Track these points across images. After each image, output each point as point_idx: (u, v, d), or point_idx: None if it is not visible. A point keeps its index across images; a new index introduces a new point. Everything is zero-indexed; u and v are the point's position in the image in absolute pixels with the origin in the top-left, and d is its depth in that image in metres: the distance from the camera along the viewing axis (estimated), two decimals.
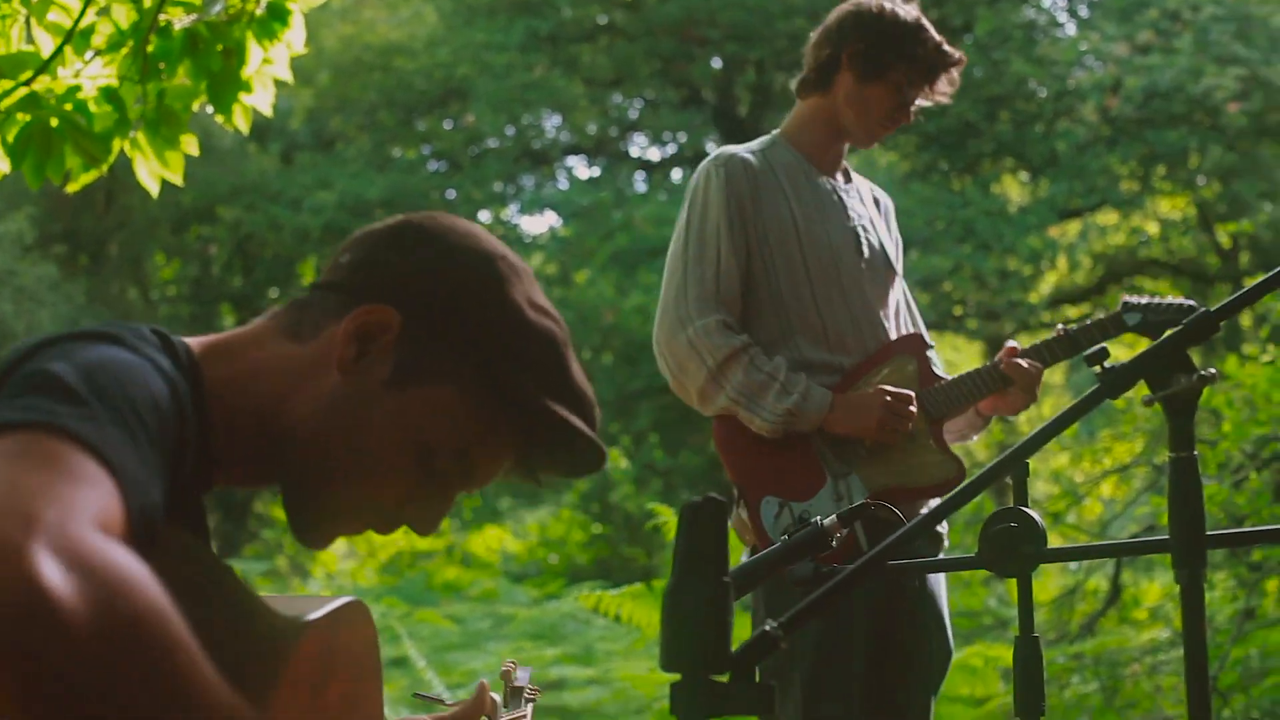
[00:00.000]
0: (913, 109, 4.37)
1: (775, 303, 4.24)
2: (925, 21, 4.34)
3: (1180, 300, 4.35)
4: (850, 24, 4.34)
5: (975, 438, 4.54)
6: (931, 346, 4.41)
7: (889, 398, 4.11)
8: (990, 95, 21.96)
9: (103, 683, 1.44)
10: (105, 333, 1.82)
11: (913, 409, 4.15)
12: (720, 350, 4.11)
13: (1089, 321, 4.32)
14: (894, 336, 4.38)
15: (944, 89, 4.38)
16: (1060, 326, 4.32)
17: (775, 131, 4.53)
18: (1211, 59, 20.15)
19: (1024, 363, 4.24)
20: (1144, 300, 4.30)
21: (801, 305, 4.24)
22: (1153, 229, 24.05)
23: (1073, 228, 23.56)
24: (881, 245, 4.44)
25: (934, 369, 4.36)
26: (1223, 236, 23.56)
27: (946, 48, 4.35)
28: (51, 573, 1.41)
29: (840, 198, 4.41)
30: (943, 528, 4.42)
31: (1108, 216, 23.85)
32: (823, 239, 4.28)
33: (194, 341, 2.02)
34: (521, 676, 3.00)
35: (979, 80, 21.63)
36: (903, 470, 4.20)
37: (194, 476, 1.92)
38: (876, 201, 4.62)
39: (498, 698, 2.65)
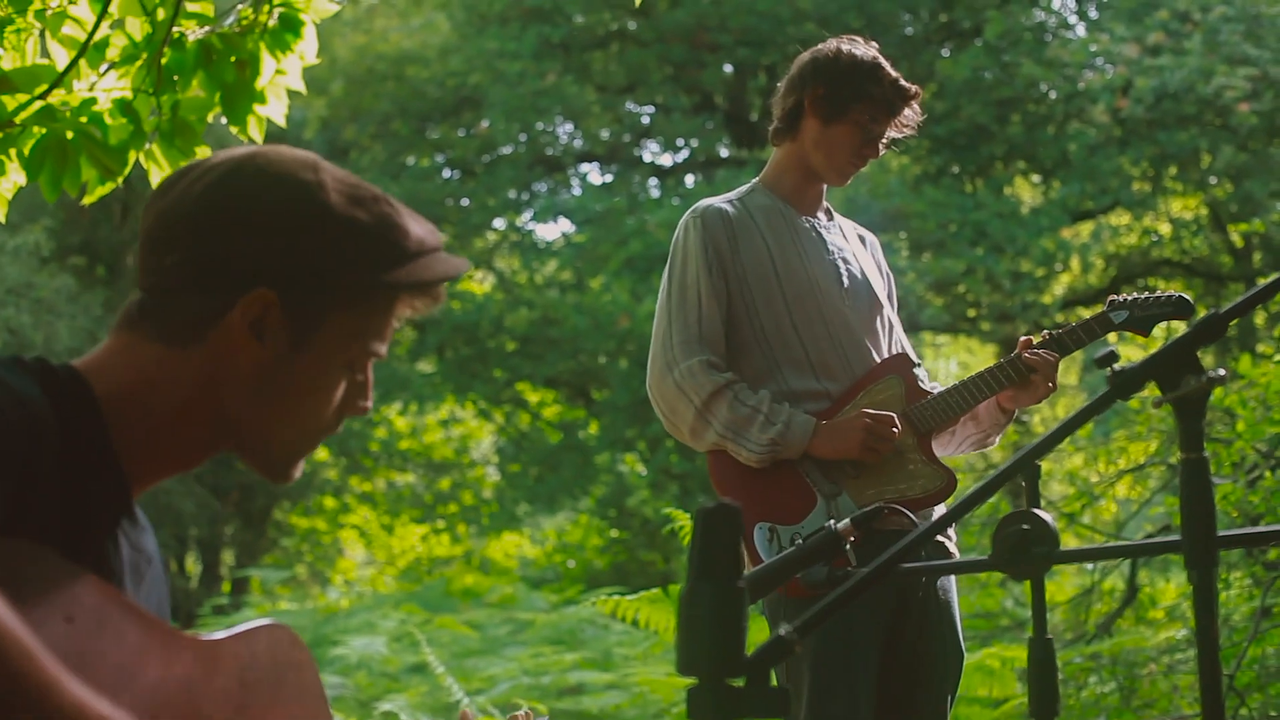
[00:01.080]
0: (881, 143, 4.52)
1: (759, 339, 4.42)
2: (882, 60, 4.51)
3: (1165, 293, 4.44)
4: (809, 70, 4.53)
5: (998, 438, 4.63)
6: (918, 364, 4.55)
7: (869, 420, 4.26)
8: (1001, 98, 21.94)
9: None
10: None
11: (895, 429, 4.29)
12: (705, 389, 4.29)
13: (1075, 323, 4.41)
14: (880, 360, 4.51)
15: (908, 120, 4.53)
16: (1046, 330, 4.43)
17: (755, 180, 4.68)
18: (1222, 59, 20.11)
19: (1043, 353, 4.35)
20: (1129, 297, 4.42)
21: (784, 338, 4.41)
22: (1165, 229, 23.99)
23: (1085, 229, 23.52)
24: (864, 276, 4.59)
25: (921, 385, 4.49)
26: (1235, 236, 23.50)
27: (903, 83, 4.49)
28: None
29: (820, 234, 4.57)
30: (951, 536, 4.50)
31: (1120, 217, 23.82)
32: (800, 273, 4.45)
33: (77, 363, 2.08)
34: None
35: (990, 83, 21.64)
36: (892, 484, 4.34)
37: (101, 490, 2.00)
38: (862, 239, 4.78)
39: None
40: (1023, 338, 4.45)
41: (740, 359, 4.41)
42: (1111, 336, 4.53)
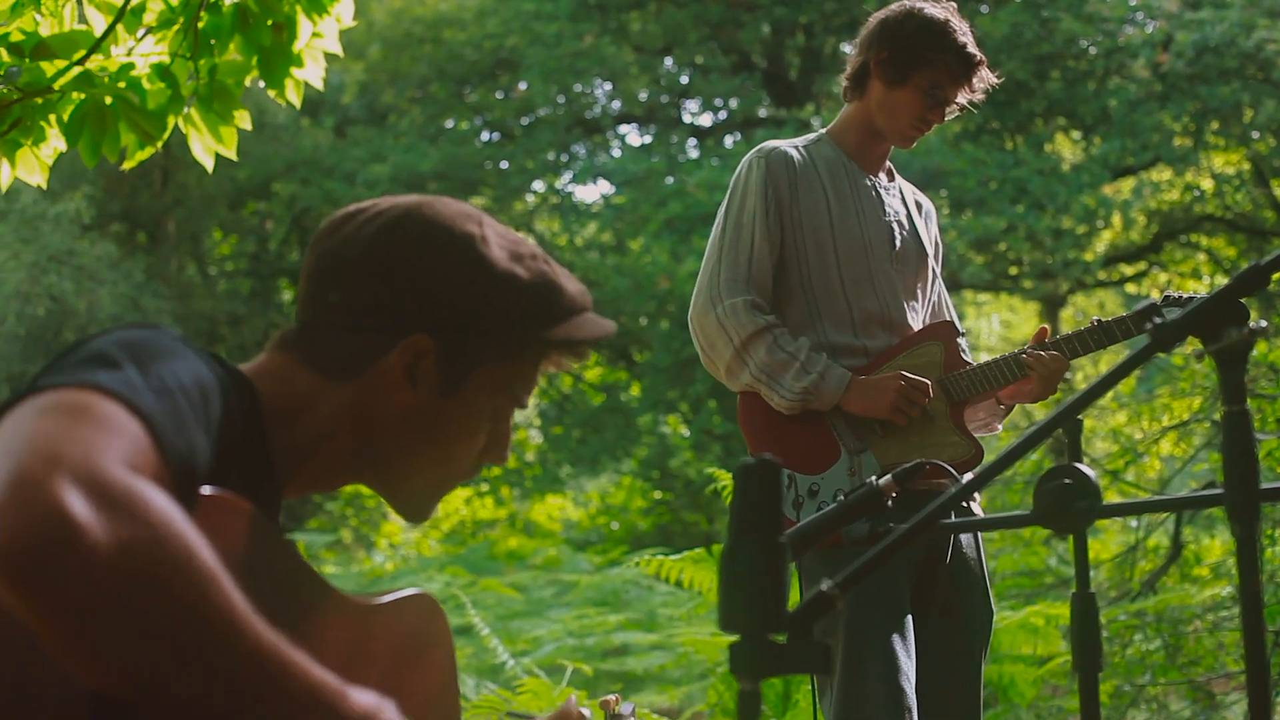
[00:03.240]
0: (948, 109, 4.48)
1: (805, 288, 4.41)
2: (953, 23, 4.45)
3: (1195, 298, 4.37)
4: (876, 32, 4.49)
5: (1000, 427, 4.65)
6: (962, 334, 4.54)
7: (904, 382, 4.26)
8: (1041, 54, 21.82)
9: (125, 607, 1.49)
10: (157, 325, 1.93)
11: (928, 395, 4.29)
12: (745, 329, 4.29)
13: (1125, 314, 4.37)
14: (921, 325, 4.54)
15: (975, 87, 4.50)
16: (1094, 318, 4.39)
17: (823, 130, 4.67)
18: (1263, 12, 19.99)
19: (1046, 355, 4.32)
20: (1185, 295, 4.37)
21: (830, 291, 4.41)
22: (1207, 185, 23.87)
23: (1126, 185, 23.43)
24: (916, 241, 4.58)
25: (961, 355, 4.47)
26: (1278, 190, 23.35)
27: (970, 49, 4.44)
28: (74, 502, 1.48)
29: (879, 194, 4.56)
30: (976, 498, 4.49)
31: (1161, 173, 23.69)
32: (855, 231, 4.44)
33: (241, 367, 2.14)
34: (624, 709, 3.05)
35: (1029, 39, 21.52)
36: (918, 449, 4.32)
37: (260, 485, 2.04)
38: (919, 205, 4.75)
39: (588, 713, 2.67)
40: (1040, 328, 4.44)
41: (784, 305, 4.41)
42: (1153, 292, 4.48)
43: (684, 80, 27.81)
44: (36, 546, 1.45)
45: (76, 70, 3.92)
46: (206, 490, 1.75)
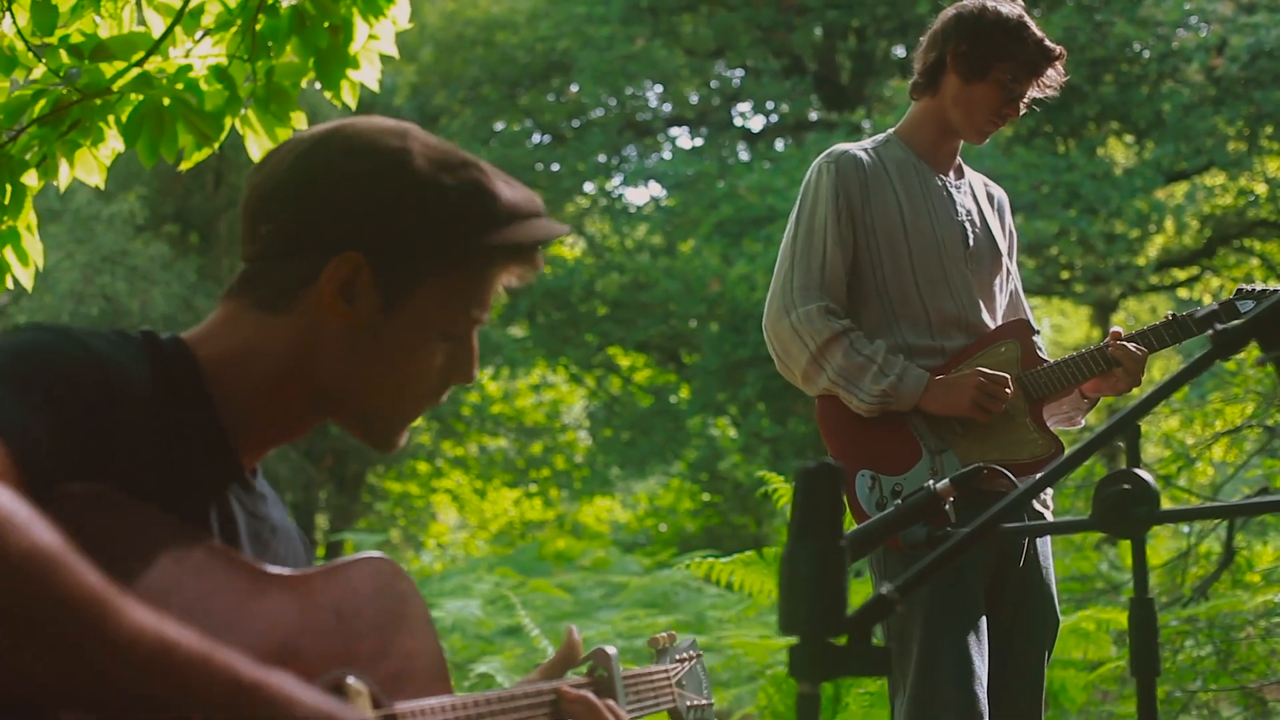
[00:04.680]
0: (1022, 103, 4.48)
1: (880, 291, 4.41)
2: (1027, 18, 4.45)
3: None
4: (953, 26, 4.47)
5: (1082, 421, 4.64)
6: (1038, 332, 4.53)
7: (983, 379, 4.25)
8: (1094, 58, 21.72)
9: (11, 620, 1.52)
10: (41, 325, 1.93)
11: (1008, 390, 4.27)
12: (821, 334, 4.29)
13: (1200, 308, 4.35)
14: (998, 324, 4.52)
15: (1050, 82, 4.48)
16: (1170, 313, 4.37)
17: (890, 130, 4.65)
18: None
19: (1131, 346, 4.29)
20: (1259, 287, 4.34)
21: (905, 294, 4.41)
22: (1261, 189, 23.68)
23: (1179, 189, 23.29)
24: (990, 238, 4.57)
25: (1038, 353, 4.47)
26: None
27: (1047, 43, 4.45)
28: None
29: (950, 193, 4.55)
30: (1049, 504, 4.49)
31: (1215, 178, 23.53)
32: (928, 231, 4.43)
33: (186, 334, 2.14)
34: (682, 644, 3.07)
35: (1083, 43, 21.41)
36: (999, 448, 4.31)
37: (203, 454, 2.04)
38: (991, 197, 4.74)
39: (613, 652, 2.66)
40: (1113, 329, 4.41)
41: (859, 309, 4.42)
42: (1207, 299, 4.48)
43: (735, 83, 27.80)
44: None
45: (135, 72, 3.94)
46: (71, 487, 1.74)
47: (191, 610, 1.75)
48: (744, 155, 26.48)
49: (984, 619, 4.16)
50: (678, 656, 3.05)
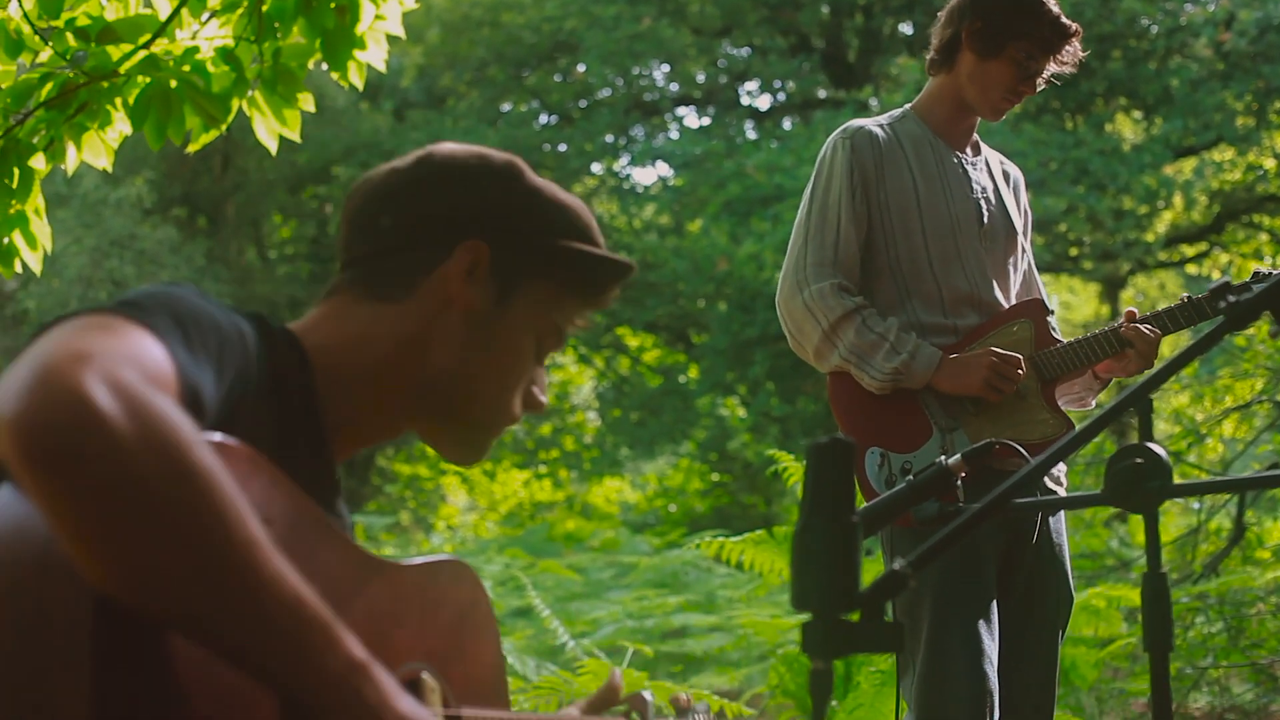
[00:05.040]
0: (1039, 80, 4.44)
1: (893, 268, 4.39)
2: None
3: None
4: (968, 3, 4.44)
5: (1093, 401, 4.62)
6: (1052, 312, 4.50)
7: (995, 359, 4.23)
8: (1102, 33, 21.67)
9: (142, 497, 1.51)
10: (181, 283, 1.95)
11: (1020, 370, 4.25)
12: (834, 311, 4.27)
13: (1213, 284, 4.33)
14: (1011, 303, 4.50)
15: (1067, 59, 4.43)
16: (1185, 294, 4.35)
17: (907, 105, 4.64)
18: None
19: (1145, 328, 4.28)
20: (1276, 271, 4.31)
21: (918, 271, 4.38)
22: (1270, 164, 23.62)
23: (1188, 165, 23.25)
24: (1005, 216, 4.55)
25: (1051, 333, 4.44)
26: None
27: (1063, 20, 4.41)
28: (99, 393, 1.50)
29: (966, 171, 4.52)
30: (1062, 481, 4.48)
31: (1223, 153, 23.47)
32: (943, 209, 4.41)
33: (291, 326, 2.17)
34: (699, 709, 3.08)
35: (1090, 18, 21.34)
36: (1011, 427, 4.29)
37: (308, 451, 2.06)
38: (1006, 175, 4.71)
39: (649, 696, 2.67)
40: (1127, 310, 4.39)
41: (872, 286, 4.39)
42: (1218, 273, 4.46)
43: (742, 62, 27.77)
44: (59, 428, 1.47)
45: (142, 54, 3.94)
46: (219, 438, 1.73)
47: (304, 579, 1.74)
48: (751, 134, 26.47)
49: (995, 597, 4.15)
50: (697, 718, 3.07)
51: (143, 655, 1.60)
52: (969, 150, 4.60)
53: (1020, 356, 4.26)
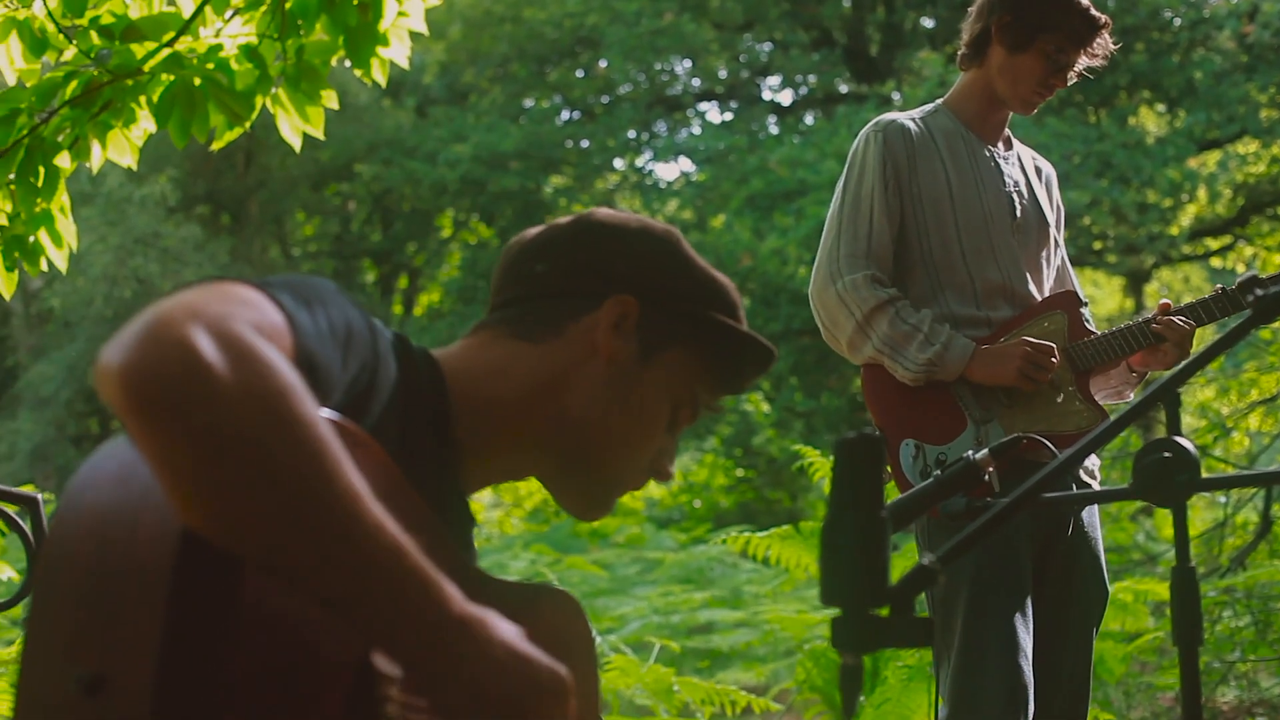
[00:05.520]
0: (1070, 73, 4.43)
1: (926, 261, 4.37)
2: None
3: None
4: None
5: (1130, 394, 4.59)
6: (1085, 304, 4.49)
7: (1029, 349, 4.21)
8: (1124, 26, 21.64)
9: (245, 444, 1.53)
10: (319, 275, 1.99)
11: (1054, 361, 4.23)
12: (867, 303, 4.26)
13: (1241, 280, 4.30)
14: (1044, 295, 4.48)
15: (1098, 51, 4.41)
16: (1219, 286, 4.32)
17: (940, 100, 4.62)
18: None
19: (1178, 320, 4.25)
20: None
21: (951, 264, 4.36)
22: None
23: (1212, 158, 23.21)
24: (1038, 210, 4.53)
25: (1085, 324, 4.43)
26: None
27: (1093, 13, 4.37)
28: (205, 344, 1.53)
29: (998, 164, 4.51)
30: (1095, 475, 4.46)
31: (1248, 145, 23.43)
32: (975, 203, 4.39)
33: (434, 351, 2.19)
34: None
35: (1113, 11, 21.31)
36: (1045, 419, 4.28)
37: (441, 468, 2.09)
38: (1039, 170, 4.69)
39: None
40: (1161, 301, 4.36)
41: (905, 278, 4.38)
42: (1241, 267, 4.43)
43: (764, 57, 27.77)
44: (165, 375, 1.50)
45: (166, 52, 3.94)
46: (332, 415, 1.73)
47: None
48: (774, 129, 26.47)
49: (1030, 591, 4.14)
50: None
51: (218, 600, 1.62)
52: (1001, 145, 4.58)
53: (1054, 346, 4.24)
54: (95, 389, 1.56)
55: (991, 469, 2.60)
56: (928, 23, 26.32)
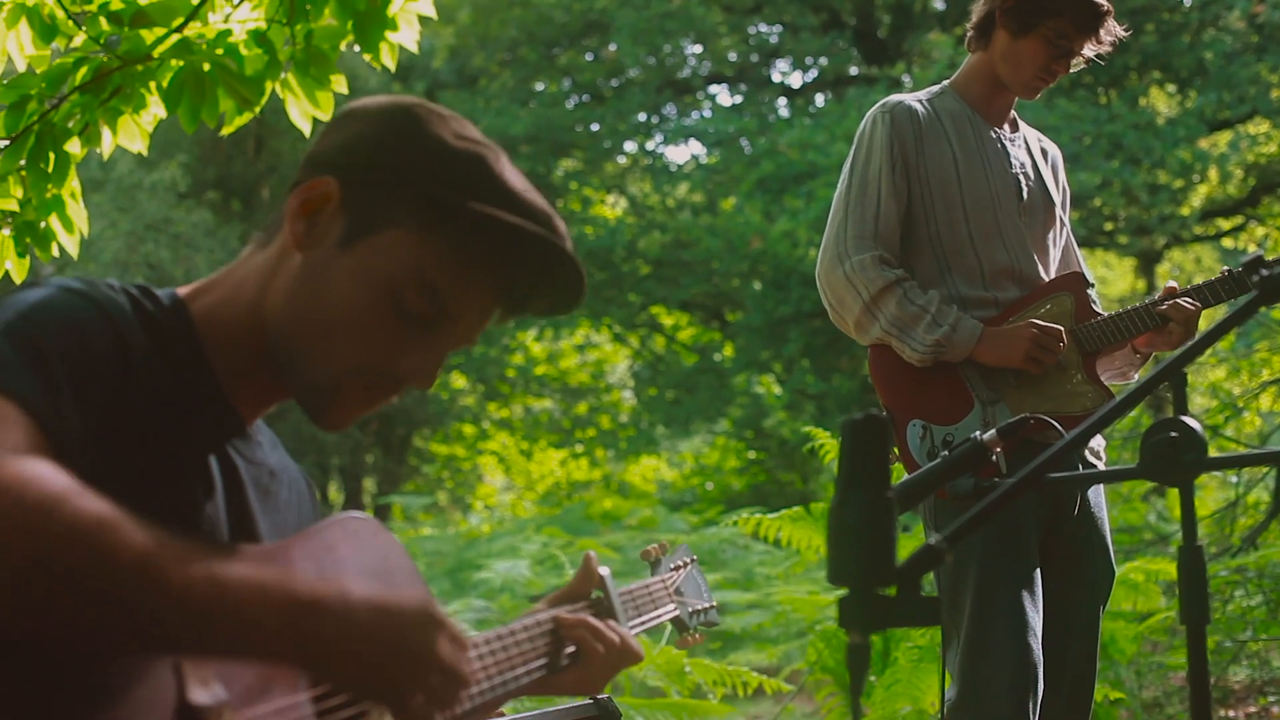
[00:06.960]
0: (1074, 60, 4.44)
1: (933, 242, 4.38)
2: None
3: None
4: None
5: (1135, 375, 4.59)
6: (1092, 285, 4.49)
7: (1036, 330, 4.23)
8: (1134, 7, 21.58)
9: (42, 571, 1.56)
10: (57, 284, 1.93)
11: (1061, 343, 4.25)
12: (875, 284, 4.27)
13: (1246, 261, 4.29)
14: (1051, 277, 4.50)
15: (1104, 38, 4.41)
16: (1226, 268, 4.32)
17: (946, 82, 4.64)
18: None
19: (1184, 301, 4.26)
20: None
21: (959, 245, 4.38)
22: None
23: (1223, 138, 23.12)
24: (1044, 191, 4.54)
25: (1092, 306, 4.43)
26: None
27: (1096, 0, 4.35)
28: None
29: (1004, 146, 4.52)
30: (1101, 455, 4.46)
31: (1259, 126, 23.33)
32: (982, 184, 4.41)
33: (182, 289, 2.12)
34: (677, 551, 3.08)
35: None
36: (1051, 399, 4.29)
37: (197, 405, 2.03)
38: (1044, 152, 4.71)
39: (606, 572, 2.66)
40: (1167, 284, 4.37)
41: (912, 260, 4.40)
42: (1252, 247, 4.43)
43: (774, 39, 27.73)
44: None
45: (175, 38, 3.95)
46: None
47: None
48: (784, 112, 26.43)
49: (1038, 570, 4.15)
50: (673, 565, 3.06)
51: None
52: (1007, 127, 4.59)
53: (1061, 328, 4.26)
54: None
55: (999, 449, 2.61)
56: (938, 4, 26.26)
